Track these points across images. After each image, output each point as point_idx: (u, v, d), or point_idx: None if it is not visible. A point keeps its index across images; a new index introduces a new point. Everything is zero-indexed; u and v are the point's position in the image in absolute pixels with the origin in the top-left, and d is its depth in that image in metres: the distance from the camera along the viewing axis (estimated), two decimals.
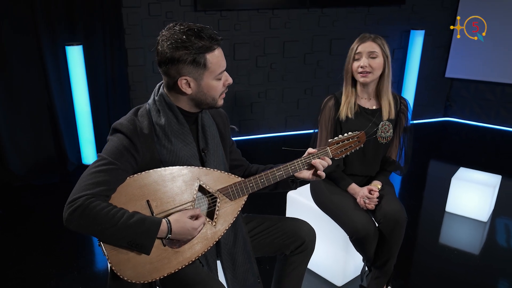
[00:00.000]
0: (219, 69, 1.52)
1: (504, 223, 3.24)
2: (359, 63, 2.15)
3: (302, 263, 1.90)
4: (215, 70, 1.51)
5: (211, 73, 1.51)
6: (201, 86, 1.52)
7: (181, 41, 1.44)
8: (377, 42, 2.15)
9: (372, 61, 2.14)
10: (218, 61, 1.51)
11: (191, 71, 1.49)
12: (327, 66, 4.89)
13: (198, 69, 1.49)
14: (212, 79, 1.53)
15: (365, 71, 2.14)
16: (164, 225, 1.46)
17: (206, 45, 1.47)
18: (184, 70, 1.48)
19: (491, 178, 3.26)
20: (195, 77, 1.50)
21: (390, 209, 2.12)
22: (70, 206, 1.38)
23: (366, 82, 2.17)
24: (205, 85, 1.53)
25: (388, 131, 2.24)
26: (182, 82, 1.50)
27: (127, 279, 1.48)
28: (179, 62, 1.47)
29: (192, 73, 1.49)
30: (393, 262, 2.21)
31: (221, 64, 1.53)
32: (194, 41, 1.45)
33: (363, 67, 2.14)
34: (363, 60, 2.14)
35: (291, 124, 5.01)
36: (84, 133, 3.89)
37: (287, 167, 1.69)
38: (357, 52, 2.16)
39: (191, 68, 1.48)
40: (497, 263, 2.76)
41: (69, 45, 3.63)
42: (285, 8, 4.51)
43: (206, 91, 1.54)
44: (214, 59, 1.50)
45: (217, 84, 1.55)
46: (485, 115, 5.31)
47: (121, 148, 1.48)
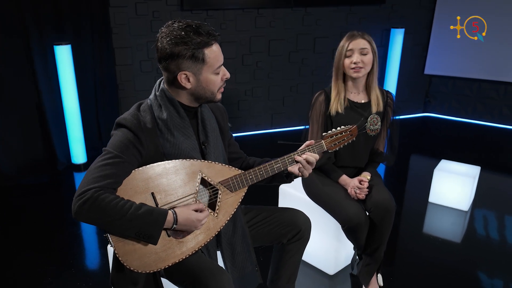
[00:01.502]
0: (217, 63, 1.58)
1: (483, 211, 3.40)
2: (352, 59, 2.23)
3: (298, 251, 1.98)
4: (213, 65, 1.57)
5: (210, 67, 1.57)
6: (200, 80, 1.58)
7: (180, 37, 1.50)
8: (366, 39, 2.25)
9: (364, 57, 2.23)
10: (216, 56, 1.57)
11: (190, 65, 1.54)
12: (312, 64, 4.99)
13: (197, 64, 1.55)
14: (210, 73, 1.58)
15: (358, 67, 2.23)
16: (171, 216, 1.51)
17: (204, 41, 1.52)
18: (183, 65, 1.54)
19: (470, 169, 3.41)
20: (194, 71, 1.56)
21: (379, 198, 2.23)
22: (80, 199, 1.41)
23: (359, 77, 2.26)
24: (204, 79, 1.59)
25: (377, 123, 2.35)
26: (182, 76, 1.56)
27: (134, 269, 1.52)
28: (178, 57, 1.52)
29: (191, 68, 1.55)
30: (383, 249, 2.31)
31: (219, 59, 1.59)
32: (192, 37, 1.50)
33: (356, 63, 2.22)
34: (355, 56, 2.22)
35: (277, 121, 5.10)
36: (73, 132, 3.88)
37: (285, 159, 1.76)
38: (348, 49, 2.24)
39: (190, 63, 1.54)
40: (477, 250, 2.90)
41: (57, 45, 3.62)
42: (270, 7, 4.60)
43: (205, 85, 1.60)
44: (212, 54, 1.56)
45: (215, 79, 1.61)
46: (463, 110, 5.50)
47: (126, 141, 1.53)
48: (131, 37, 4.19)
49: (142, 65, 4.33)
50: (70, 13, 3.80)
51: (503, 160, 4.46)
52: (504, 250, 2.90)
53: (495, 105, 5.28)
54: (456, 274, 2.63)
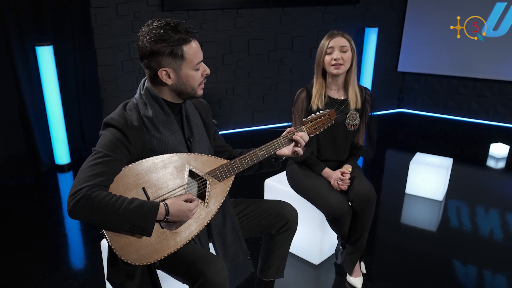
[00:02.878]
0: (196, 59, 1.65)
1: (456, 201, 3.58)
2: (332, 56, 2.34)
3: (286, 241, 2.07)
4: (192, 61, 1.64)
5: (189, 63, 1.64)
6: (180, 76, 1.65)
7: (159, 35, 1.57)
8: (346, 37, 2.36)
9: (344, 54, 2.34)
10: (194, 52, 1.64)
11: (170, 62, 1.61)
12: (290, 62, 5.11)
13: (176, 60, 1.61)
14: (190, 69, 1.65)
15: (338, 63, 2.34)
16: (162, 208, 1.58)
17: (183, 38, 1.59)
18: (163, 61, 1.60)
19: (444, 161, 3.58)
20: (174, 67, 1.63)
21: (361, 189, 2.35)
22: (74, 197, 1.47)
23: (339, 73, 2.37)
24: (184, 75, 1.65)
25: (356, 119, 2.47)
26: (162, 73, 1.63)
27: (131, 262, 1.59)
28: (158, 55, 1.59)
29: (171, 64, 1.62)
30: (365, 237, 2.43)
31: (198, 55, 1.66)
32: (171, 34, 1.57)
33: (337, 60, 2.33)
34: (336, 53, 2.33)
35: (258, 119, 5.20)
36: (57, 133, 3.88)
37: (268, 146, 1.84)
38: (329, 47, 2.34)
39: (170, 60, 1.60)
40: (451, 237, 3.06)
41: (39, 46, 3.62)
42: (249, 7, 4.69)
43: (185, 80, 1.66)
44: (190, 51, 1.63)
45: (195, 74, 1.67)
46: (435, 106, 5.72)
47: (114, 140, 1.59)
48: (113, 37, 4.20)
49: (124, 65, 4.35)
50: (51, 14, 3.80)
51: (473, 152, 4.69)
52: (477, 237, 3.07)
53: (464, 100, 5.52)
54: (432, 260, 2.77)
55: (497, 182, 4.04)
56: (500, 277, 2.63)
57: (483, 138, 4.99)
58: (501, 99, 5.33)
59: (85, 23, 3.98)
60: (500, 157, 4.37)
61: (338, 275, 2.62)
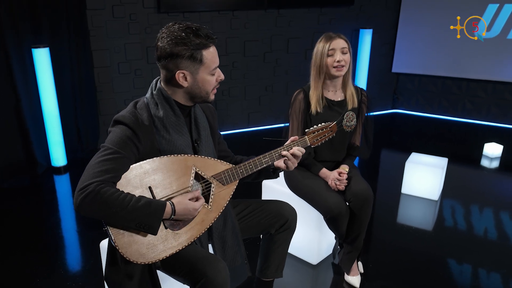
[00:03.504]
0: (213, 65, 1.67)
1: (452, 201, 3.61)
2: (334, 58, 2.35)
3: (286, 240, 2.09)
4: (210, 66, 1.66)
5: (206, 68, 1.66)
6: (197, 79, 1.67)
7: (180, 37, 1.59)
8: (344, 39, 2.38)
9: (345, 56, 2.36)
10: (213, 58, 1.66)
11: (188, 65, 1.63)
12: (285, 64, 5.14)
13: (195, 64, 1.63)
14: (206, 74, 1.67)
15: (341, 65, 2.36)
16: (169, 207, 1.59)
17: (203, 42, 1.61)
18: (182, 64, 1.62)
19: (439, 161, 3.62)
20: (191, 71, 1.64)
21: (358, 189, 2.37)
22: (82, 192, 1.47)
23: (341, 75, 2.39)
24: (200, 79, 1.67)
25: (352, 120, 2.49)
26: (180, 75, 1.64)
27: (133, 260, 1.60)
28: (177, 57, 1.61)
29: (189, 67, 1.63)
30: (362, 236, 2.45)
31: (215, 61, 1.68)
32: (192, 38, 1.59)
33: (339, 61, 2.35)
34: (338, 56, 2.35)
35: (254, 120, 5.22)
36: (53, 135, 3.88)
37: (272, 154, 1.86)
38: (330, 49, 2.35)
39: (189, 63, 1.62)
40: (447, 236, 3.09)
41: (35, 48, 3.62)
42: (245, 9, 4.71)
43: (200, 84, 1.68)
44: (209, 55, 1.64)
45: (210, 79, 1.69)
46: (429, 106, 5.78)
47: (124, 138, 1.60)
48: (109, 39, 4.21)
49: (120, 67, 4.35)
50: (48, 16, 3.80)
51: (467, 151, 4.74)
52: (472, 236, 3.11)
53: (458, 100, 5.57)
54: (428, 259, 2.80)
55: (491, 182, 4.09)
56: (495, 276, 2.67)
57: (477, 138, 5.04)
58: (494, 99, 5.39)
59: (81, 25, 3.98)
60: (494, 157, 4.42)
61: (336, 274, 2.64)
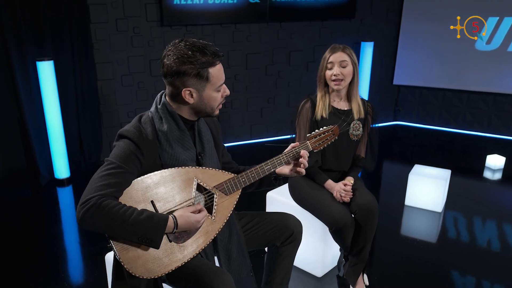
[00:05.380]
0: (219, 82, 1.69)
1: (455, 212, 3.60)
2: (332, 72, 2.39)
3: (291, 252, 2.08)
4: (216, 83, 1.67)
5: (212, 85, 1.67)
6: (203, 97, 1.68)
7: (187, 56, 1.60)
8: (346, 52, 2.40)
9: (343, 69, 2.38)
10: (219, 75, 1.67)
11: (195, 83, 1.64)
12: (287, 76, 5.16)
13: (201, 82, 1.64)
14: (212, 90, 1.68)
15: (338, 79, 2.39)
16: (171, 220, 1.59)
17: (209, 61, 1.62)
18: (188, 82, 1.63)
19: (442, 172, 3.62)
20: (197, 88, 1.65)
21: (363, 200, 2.37)
22: (84, 206, 1.47)
23: (339, 89, 2.42)
24: (206, 96, 1.68)
25: (359, 129, 2.50)
26: (186, 93, 1.65)
27: (139, 275, 1.59)
28: (184, 75, 1.62)
29: (195, 85, 1.64)
30: (368, 249, 2.44)
31: (221, 78, 1.69)
32: (198, 57, 1.60)
33: (336, 75, 2.38)
34: (335, 69, 2.38)
35: (256, 132, 5.23)
36: (56, 147, 3.88)
37: (274, 160, 1.86)
38: (329, 62, 2.40)
39: (195, 81, 1.63)
40: (451, 248, 3.08)
41: (40, 61, 3.64)
42: (247, 22, 4.75)
43: (206, 101, 1.70)
44: (215, 73, 1.66)
45: (216, 95, 1.71)
46: (430, 118, 5.79)
47: (128, 152, 1.61)
48: (112, 52, 4.24)
49: (123, 80, 4.38)
50: (52, 30, 3.83)
51: (469, 163, 4.73)
52: (476, 247, 3.10)
53: (459, 112, 5.59)
54: (433, 271, 2.79)
55: (494, 193, 4.08)
56: None
57: (479, 150, 5.04)
58: (495, 111, 5.41)
59: (85, 38, 4.01)
60: (496, 169, 4.42)
61: (341, 287, 2.62)
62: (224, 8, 4.54)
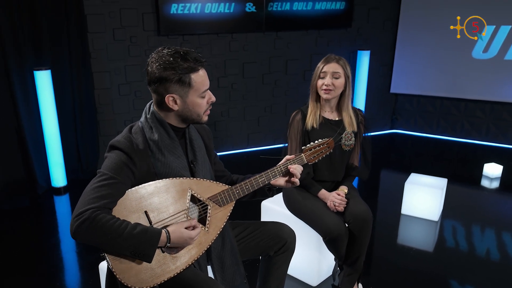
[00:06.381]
0: (203, 87, 1.70)
1: (452, 221, 3.60)
2: (324, 81, 2.40)
3: (285, 262, 2.07)
4: (199, 89, 1.69)
5: (196, 91, 1.68)
6: (187, 103, 1.69)
7: (168, 62, 1.62)
8: (340, 64, 2.42)
9: (335, 80, 2.40)
10: (202, 81, 1.69)
11: (177, 89, 1.65)
12: (284, 85, 5.18)
13: (184, 88, 1.66)
14: (196, 96, 1.69)
15: (328, 89, 2.40)
16: (164, 235, 1.59)
17: (191, 66, 1.64)
18: (171, 88, 1.65)
19: (438, 181, 3.61)
20: (181, 94, 1.67)
21: (357, 210, 2.37)
22: (78, 219, 1.48)
23: (328, 98, 2.43)
24: (190, 102, 1.69)
25: (351, 139, 2.51)
26: (169, 99, 1.67)
27: (131, 286, 1.58)
28: (166, 81, 1.63)
29: (178, 91, 1.66)
30: (362, 258, 2.43)
31: (205, 83, 1.71)
32: (180, 63, 1.62)
33: (327, 85, 2.39)
34: (327, 79, 2.39)
35: (253, 141, 5.24)
36: (53, 156, 3.89)
37: (268, 173, 1.87)
38: (322, 71, 2.41)
39: (177, 87, 1.65)
40: (448, 257, 3.07)
41: (37, 70, 3.66)
42: (243, 32, 4.78)
43: (191, 107, 1.71)
44: (198, 79, 1.67)
45: (201, 102, 1.72)
46: (428, 126, 5.80)
47: (120, 163, 1.61)
48: (109, 61, 4.26)
49: (121, 89, 4.40)
50: (50, 39, 3.85)
51: (467, 172, 4.73)
52: (473, 257, 3.09)
53: (457, 121, 5.60)
54: (429, 280, 2.78)
55: (491, 202, 4.08)
56: None
57: (476, 158, 5.05)
58: (492, 119, 5.41)
59: (82, 48, 4.03)
60: (494, 177, 4.42)
61: None
62: (221, 17, 4.57)
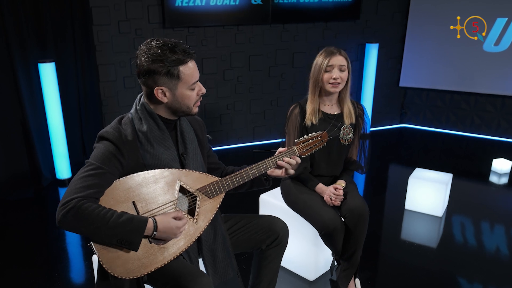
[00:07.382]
0: (192, 80, 1.69)
1: (456, 217, 3.54)
2: (331, 75, 2.36)
3: (277, 256, 2.07)
4: (188, 81, 1.68)
5: (185, 83, 1.68)
6: (176, 95, 1.69)
7: (156, 55, 1.61)
8: (344, 56, 2.39)
9: (342, 73, 2.37)
10: (191, 73, 1.68)
11: (166, 81, 1.65)
12: (290, 78, 5.15)
13: (172, 80, 1.65)
14: (185, 89, 1.69)
15: (337, 82, 2.36)
16: (151, 223, 1.59)
17: (180, 58, 1.64)
18: (159, 80, 1.65)
19: (443, 176, 3.55)
20: (169, 87, 1.66)
21: (354, 205, 2.34)
22: (63, 208, 1.49)
23: (336, 92, 2.40)
24: (179, 94, 1.69)
25: (349, 133, 2.48)
26: (158, 91, 1.66)
27: (118, 275, 1.59)
28: (155, 74, 1.63)
29: (167, 84, 1.66)
30: (359, 253, 2.41)
31: (194, 76, 1.70)
32: (168, 55, 1.62)
33: (336, 79, 2.36)
34: (335, 72, 2.35)
35: (259, 134, 5.22)
36: (58, 148, 3.92)
37: (259, 165, 1.87)
38: (329, 65, 2.36)
39: (166, 79, 1.65)
40: (452, 253, 3.03)
41: (41, 63, 3.69)
42: (249, 24, 4.75)
43: (180, 100, 1.70)
44: (187, 71, 1.67)
45: (190, 94, 1.71)
46: (437, 121, 5.71)
47: (107, 153, 1.62)
48: (114, 54, 4.27)
49: (126, 81, 4.41)
50: (54, 32, 3.88)
51: (475, 167, 4.64)
52: (477, 253, 3.04)
53: (466, 115, 5.50)
54: (432, 277, 2.74)
55: (499, 198, 4.00)
56: None
57: (485, 153, 4.96)
58: (503, 114, 5.30)
59: (87, 40, 4.05)
60: (502, 173, 4.33)
61: None
62: (227, 10, 4.55)
